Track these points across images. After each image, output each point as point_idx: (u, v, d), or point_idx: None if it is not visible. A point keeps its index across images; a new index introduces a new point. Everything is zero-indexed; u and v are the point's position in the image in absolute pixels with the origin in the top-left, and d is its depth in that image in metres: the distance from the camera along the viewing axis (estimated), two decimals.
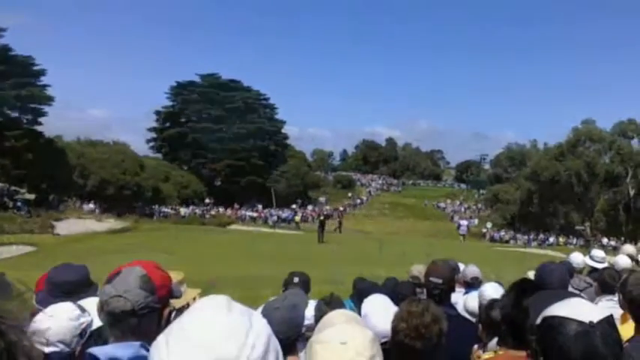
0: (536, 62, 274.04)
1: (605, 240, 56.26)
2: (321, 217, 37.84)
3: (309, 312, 3.39)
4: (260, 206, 63.60)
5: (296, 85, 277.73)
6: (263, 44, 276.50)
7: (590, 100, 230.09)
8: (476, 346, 3.27)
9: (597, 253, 7.22)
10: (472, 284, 5.64)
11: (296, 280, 4.55)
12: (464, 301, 4.54)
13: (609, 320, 1.57)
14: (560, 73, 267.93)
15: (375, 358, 1.60)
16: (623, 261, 6.72)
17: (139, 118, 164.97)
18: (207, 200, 62.94)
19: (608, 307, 4.11)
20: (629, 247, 8.63)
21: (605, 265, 6.57)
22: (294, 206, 66.19)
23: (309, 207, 69.22)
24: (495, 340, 2.98)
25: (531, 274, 4.63)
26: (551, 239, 57.15)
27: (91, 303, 2.54)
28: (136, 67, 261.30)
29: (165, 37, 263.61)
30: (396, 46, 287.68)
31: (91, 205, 46.46)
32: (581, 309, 1.59)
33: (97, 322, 2.34)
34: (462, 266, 6.34)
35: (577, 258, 7.16)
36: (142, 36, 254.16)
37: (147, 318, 1.92)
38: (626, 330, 2.94)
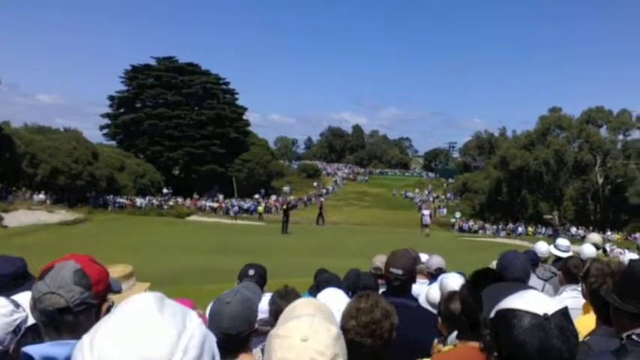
0: (503, 47, 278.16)
1: (573, 229, 57.55)
2: (284, 207, 37.84)
3: (264, 306, 3.37)
4: (221, 196, 63.12)
5: (257, 70, 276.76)
6: (221, 26, 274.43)
7: (558, 87, 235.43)
8: (436, 340, 3.29)
9: (562, 242, 7.33)
10: (436, 275, 5.67)
11: (251, 272, 4.51)
12: (426, 293, 4.55)
13: (564, 312, 1.59)
14: (528, 60, 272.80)
15: (338, 357, 1.54)
16: (588, 250, 6.85)
17: (91, 104, 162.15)
18: (165, 190, 62.16)
19: (572, 296, 4.20)
20: (594, 236, 8.81)
21: (570, 254, 6.68)
22: (256, 196, 65.96)
23: (273, 197, 69.00)
24: (455, 333, 3.00)
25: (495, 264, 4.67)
26: (520, 229, 58.15)
27: (25, 297, 2.47)
28: (87, 48, 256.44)
29: (119, 17, 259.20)
30: (363, 29, 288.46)
31: (42, 196, 45.39)
32: (535, 301, 1.60)
33: (33, 319, 2.28)
34: (426, 257, 6.38)
35: (542, 247, 7.29)
36: (94, 16, 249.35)
37: (84, 315, 1.86)
38: (589, 320, 2.99)
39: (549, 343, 1.51)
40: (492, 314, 1.67)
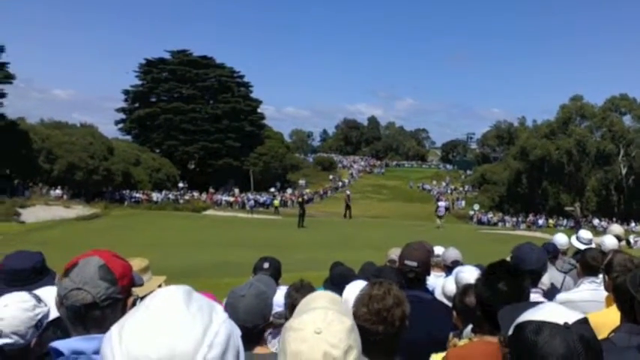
0: (521, 36, 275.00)
1: (596, 221, 56.79)
2: (300, 200, 37.85)
3: (280, 299, 3.43)
4: (237, 190, 63.27)
5: (271, 62, 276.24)
6: (235, 19, 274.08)
7: (579, 75, 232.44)
8: (451, 334, 3.31)
9: (584, 234, 7.24)
10: (453, 268, 5.67)
11: (266, 265, 4.57)
12: (442, 285, 4.55)
13: (584, 322, 1.58)
14: (548, 48, 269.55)
15: (352, 350, 1.55)
16: (609, 241, 6.73)
17: (106, 98, 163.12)
18: (180, 184, 62.47)
19: (591, 288, 4.21)
20: (616, 227, 8.70)
21: (592, 246, 6.62)
22: (272, 190, 65.99)
23: (289, 190, 69.05)
24: (470, 326, 3.02)
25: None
26: (541, 221, 57.54)
27: (47, 292, 2.52)
28: (102, 43, 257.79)
29: (133, 11, 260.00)
30: (377, 19, 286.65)
31: (58, 191, 45.82)
32: (554, 313, 1.59)
33: (54, 313, 2.32)
34: (442, 249, 6.38)
35: (561, 239, 7.19)
36: (108, 10, 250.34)
37: (110, 309, 1.90)
38: (612, 313, 2.96)
39: (573, 351, 1.49)
40: (511, 330, 1.65)
